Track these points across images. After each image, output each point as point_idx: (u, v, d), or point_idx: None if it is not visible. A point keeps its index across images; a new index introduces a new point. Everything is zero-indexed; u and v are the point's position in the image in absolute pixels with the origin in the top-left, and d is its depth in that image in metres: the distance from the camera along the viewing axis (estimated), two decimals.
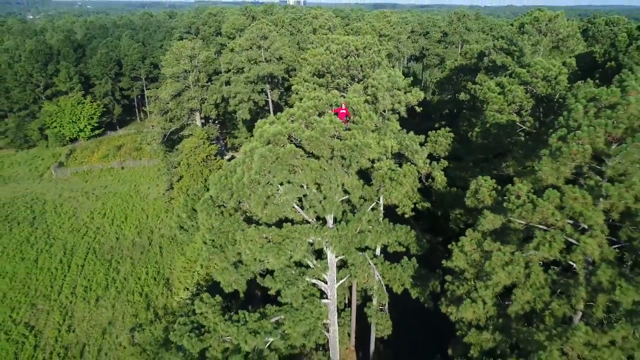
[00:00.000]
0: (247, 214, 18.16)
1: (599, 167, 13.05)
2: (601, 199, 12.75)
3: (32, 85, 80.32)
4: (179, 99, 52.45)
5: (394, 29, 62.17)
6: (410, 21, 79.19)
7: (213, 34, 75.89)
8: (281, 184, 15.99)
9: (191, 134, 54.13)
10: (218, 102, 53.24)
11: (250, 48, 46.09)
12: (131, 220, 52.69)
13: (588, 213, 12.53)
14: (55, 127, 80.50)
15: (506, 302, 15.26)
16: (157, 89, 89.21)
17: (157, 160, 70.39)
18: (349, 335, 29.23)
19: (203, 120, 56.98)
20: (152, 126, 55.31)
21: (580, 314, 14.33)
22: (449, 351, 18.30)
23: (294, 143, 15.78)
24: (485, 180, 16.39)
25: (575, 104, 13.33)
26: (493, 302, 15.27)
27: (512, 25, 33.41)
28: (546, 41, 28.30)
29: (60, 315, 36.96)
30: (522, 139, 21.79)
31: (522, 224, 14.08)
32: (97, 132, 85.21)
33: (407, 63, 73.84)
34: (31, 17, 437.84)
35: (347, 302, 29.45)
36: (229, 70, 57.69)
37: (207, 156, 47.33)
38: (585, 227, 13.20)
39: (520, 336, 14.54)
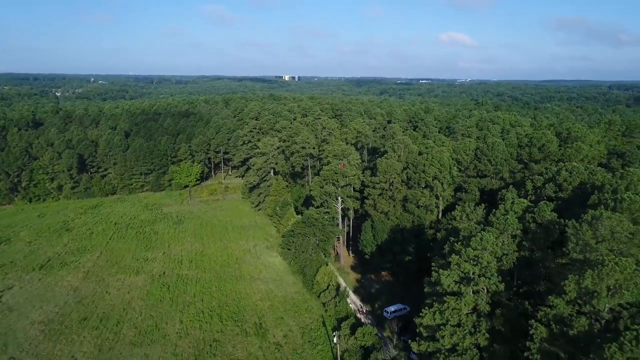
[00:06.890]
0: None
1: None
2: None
3: (167, 155, 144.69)
4: (265, 163, 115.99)
5: (363, 128, 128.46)
6: (372, 123, 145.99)
7: (269, 128, 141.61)
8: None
9: (269, 179, 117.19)
10: (283, 165, 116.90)
11: (303, 142, 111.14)
12: (243, 217, 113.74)
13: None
14: (177, 179, 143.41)
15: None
16: (233, 157, 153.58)
17: (240, 194, 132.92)
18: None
19: (275, 174, 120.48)
20: (245, 176, 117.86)
21: None
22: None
23: (332, 170, 79.07)
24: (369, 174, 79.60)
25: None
26: (378, 194, 77.77)
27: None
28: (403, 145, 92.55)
29: (234, 242, 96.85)
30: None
31: (382, 182, 77.10)
32: (197, 182, 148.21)
33: (378, 142, 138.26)
34: (59, 94, 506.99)
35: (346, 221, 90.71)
36: (279, 147, 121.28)
37: (282, 187, 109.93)
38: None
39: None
